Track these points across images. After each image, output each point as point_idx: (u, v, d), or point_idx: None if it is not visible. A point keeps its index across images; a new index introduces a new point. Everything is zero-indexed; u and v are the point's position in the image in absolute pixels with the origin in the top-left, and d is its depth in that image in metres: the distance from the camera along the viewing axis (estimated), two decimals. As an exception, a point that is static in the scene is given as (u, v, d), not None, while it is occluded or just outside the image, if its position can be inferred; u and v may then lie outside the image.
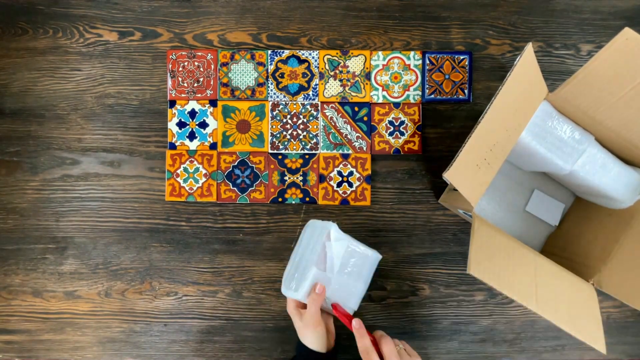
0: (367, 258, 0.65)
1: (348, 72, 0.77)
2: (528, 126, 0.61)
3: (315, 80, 0.77)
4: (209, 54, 0.77)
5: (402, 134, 0.77)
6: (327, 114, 0.77)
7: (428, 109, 0.78)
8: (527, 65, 0.55)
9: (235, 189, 0.77)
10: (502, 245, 0.56)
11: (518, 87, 0.55)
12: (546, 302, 0.53)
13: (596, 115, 0.59)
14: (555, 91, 0.60)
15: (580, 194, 0.74)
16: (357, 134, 0.77)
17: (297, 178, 0.77)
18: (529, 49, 0.54)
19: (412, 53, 0.77)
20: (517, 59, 0.54)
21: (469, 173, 0.54)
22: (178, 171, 0.77)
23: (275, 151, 0.77)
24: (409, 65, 0.77)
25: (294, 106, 0.77)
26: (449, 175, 0.51)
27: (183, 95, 0.77)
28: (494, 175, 0.57)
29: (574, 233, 0.73)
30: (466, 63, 0.77)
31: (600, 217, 0.69)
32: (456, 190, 0.69)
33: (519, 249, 0.58)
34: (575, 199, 0.76)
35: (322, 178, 0.77)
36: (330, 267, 0.61)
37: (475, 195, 0.55)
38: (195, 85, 0.77)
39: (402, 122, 0.77)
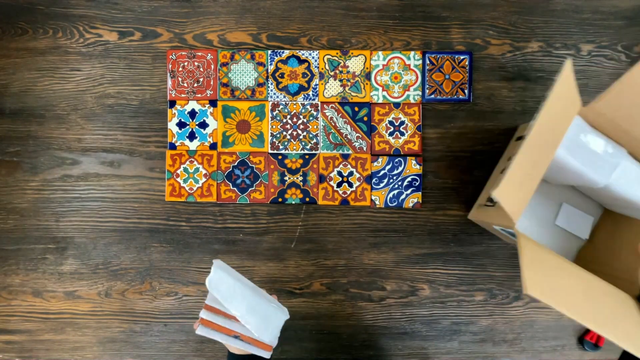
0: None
1: (348, 72, 0.77)
2: (562, 141, 0.60)
3: (315, 80, 0.77)
4: (209, 54, 0.77)
5: (402, 134, 0.77)
6: (327, 114, 0.77)
7: (428, 109, 0.77)
8: (566, 81, 0.55)
9: (235, 189, 0.77)
10: (551, 262, 0.55)
11: (557, 103, 0.54)
12: (605, 321, 0.52)
13: (631, 129, 0.59)
14: (589, 105, 0.59)
15: (612, 207, 0.73)
16: (357, 134, 0.77)
17: (297, 178, 0.77)
18: (568, 65, 0.53)
19: (412, 53, 0.77)
20: (556, 75, 0.53)
21: (514, 190, 0.53)
22: (178, 171, 0.77)
23: (275, 151, 0.77)
24: (409, 65, 0.77)
25: (294, 106, 0.77)
26: (497, 194, 0.50)
27: (183, 95, 0.77)
28: (534, 191, 0.57)
29: (606, 246, 0.72)
30: (466, 63, 0.77)
31: (634, 229, 0.68)
32: (489, 205, 0.67)
33: (567, 265, 0.57)
34: (604, 211, 0.76)
35: (322, 178, 0.77)
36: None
37: (518, 212, 0.54)
38: (195, 85, 0.77)
39: (402, 122, 0.77)
